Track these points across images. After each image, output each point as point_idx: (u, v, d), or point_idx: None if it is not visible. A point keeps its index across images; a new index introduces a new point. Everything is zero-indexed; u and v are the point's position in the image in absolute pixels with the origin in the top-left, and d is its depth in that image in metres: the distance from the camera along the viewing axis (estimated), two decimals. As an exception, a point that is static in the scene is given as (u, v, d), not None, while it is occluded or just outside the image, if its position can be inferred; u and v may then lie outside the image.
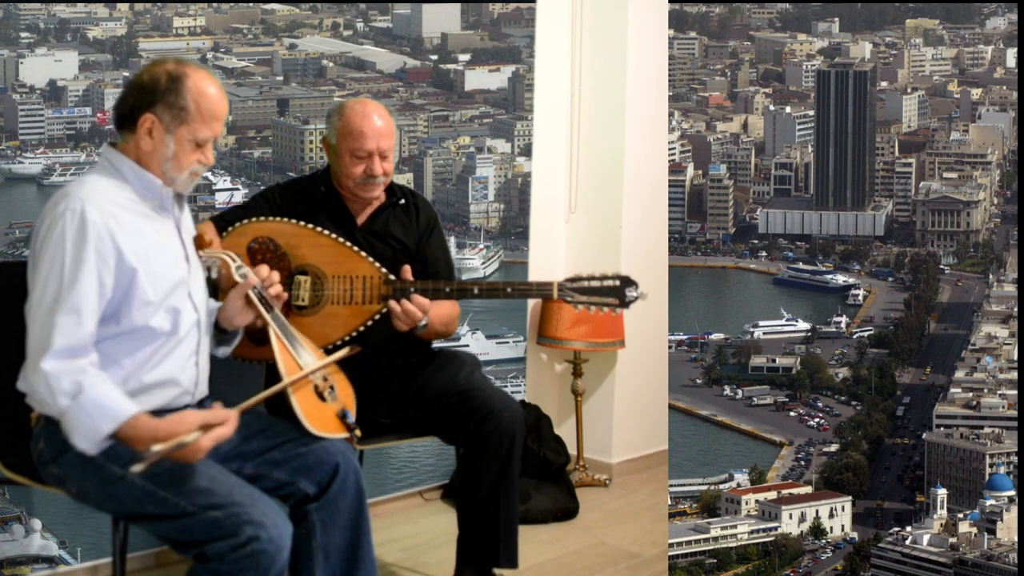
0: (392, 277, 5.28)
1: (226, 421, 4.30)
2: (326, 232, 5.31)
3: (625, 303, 5.08)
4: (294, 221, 5.32)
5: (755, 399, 54.08)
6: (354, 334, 5.20)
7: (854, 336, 56.83)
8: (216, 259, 4.75)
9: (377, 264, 5.28)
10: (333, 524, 4.69)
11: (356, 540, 4.74)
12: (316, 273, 5.28)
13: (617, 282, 5.08)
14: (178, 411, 4.41)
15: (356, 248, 5.30)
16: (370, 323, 5.25)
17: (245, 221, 5.34)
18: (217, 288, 4.83)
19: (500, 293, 5.21)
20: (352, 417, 4.78)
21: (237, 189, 61.70)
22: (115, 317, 4.36)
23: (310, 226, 5.31)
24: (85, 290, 4.28)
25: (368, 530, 4.78)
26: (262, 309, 4.74)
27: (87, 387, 4.23)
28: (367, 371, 5.33)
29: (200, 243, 4.68)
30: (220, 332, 4.76)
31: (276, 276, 4.84)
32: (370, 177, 5.45)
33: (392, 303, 5.22)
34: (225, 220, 5.37)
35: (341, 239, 5.31)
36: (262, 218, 5.34)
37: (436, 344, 5.68)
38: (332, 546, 4.70)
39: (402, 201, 5.60)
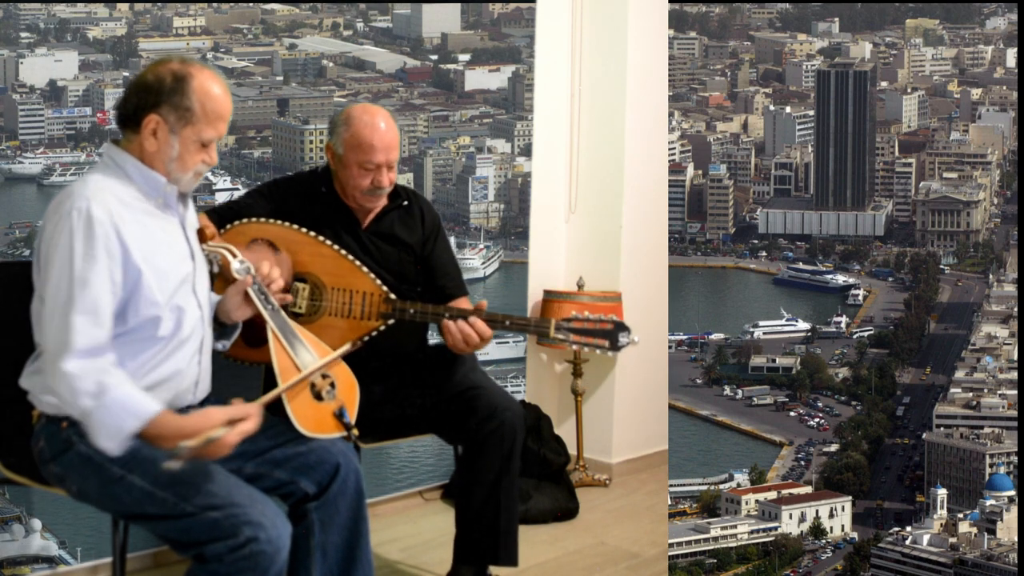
0: (392, 296, 5.26)
1: (250, 416, 4.30)
2: (328, 242, 5.27)
3: (616, 347, 5.12)
4: (296, 227, 5.27)
5: (755, 399, 54.08)
6: (349, 347, 5.17)
7: (854, 336, 56.84)
8: (217, 253, 4.73)
9: (379, 282, 5.26)
10: (331, 523, 4.68)
11: (354, 540, 4.74)
12: (315, 282, 5.25)
13: (611, 326, 5.12)
14: (185, 409, 4.42)
15: (358, 263, 5.27)
16: (366, 339, 5.24)
17: (244, 220, 5.28)
18: (212, 282, 4.81)
19: (498, 325, 5.25)
20: (349, 416, 4.76)
21: (237, 189, 61.70)
22: (121, 316, 4.34)
23: (312, 234, 5.27)
24: (99, 290, 4.25)
25: (366, 530, 4.77)
26: (260, 306, 4.73)
27: (110, 387, 4.20)
28: (366, 369, 5.33)
29: (202, 236, 4.66)
30: (219, 325, 4.76)
31: (278, 272, 4.82)
32: (377, 189, 5.43)
33: (448, 323, 5.22)
34: (221, 216, 5.30)
35: (343, 252, 5.27)
36: (263, 219, 5.29)
37: (434, 343, 5.67)
38: (330, 545, 4.70)
39: (406, 203, 5.59)
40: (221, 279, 4.78)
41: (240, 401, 4.35)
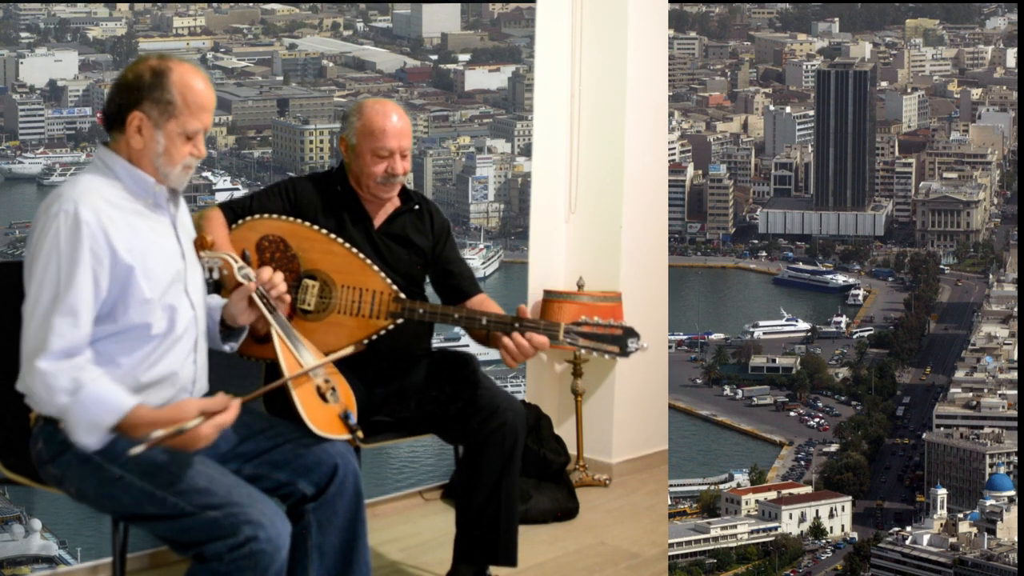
0: (402, 296, 5.27)
1: (228, 408, 4.30)
2: (339, 240, 5.28)
3: (626, 352, 5.13)
4: (308, 224, 5.30)
5: (755, 399, 54.11)
6: (353, 348, 5.16)
7: (854, 336, 56.87)
8: (218, 260, 4.74)
9: (388, 280, 5.26)
10: (329, 524, 4.68)
11: (351, 541, 4.73)
12: (325, 280, 5.26)
13: (620, 331, 5.13)
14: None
15: (369, 261, 5.28)
16: (374, 337, 5.24)
17: (257, 216, 5.32)
18: (219, 287, 4.82)
19: (507, 327, 5.22)
20: (354, 419, 4.78)
21: (237, 189, 61.75)
22: (112, 316, 4.35)
23: (323, 231, 5.29)
24: (81, 292, 4.27)
25: (364, 532, 4.77)
26: (265, 311, 4.74)
27: (85, 383, 4.23)
28: (369, 370, 5.33)
29: (202, 244, 4.67)
30: (226, 329, 4.77)
31: (280, 278, 4.82)
32: (391, 176, 5.43)
33: (504, 338, 5.18)
34: (235, 211, 5.34)
35: (354, 250, 5.28)
36: (276, 216, 5.32)
37: (435, 344, 5.68)
38: (327, 546, 4.70)
39: (416, 207, 5.60)
40: (227, 284, 4.78)
41: (222, 394, 4.35)
